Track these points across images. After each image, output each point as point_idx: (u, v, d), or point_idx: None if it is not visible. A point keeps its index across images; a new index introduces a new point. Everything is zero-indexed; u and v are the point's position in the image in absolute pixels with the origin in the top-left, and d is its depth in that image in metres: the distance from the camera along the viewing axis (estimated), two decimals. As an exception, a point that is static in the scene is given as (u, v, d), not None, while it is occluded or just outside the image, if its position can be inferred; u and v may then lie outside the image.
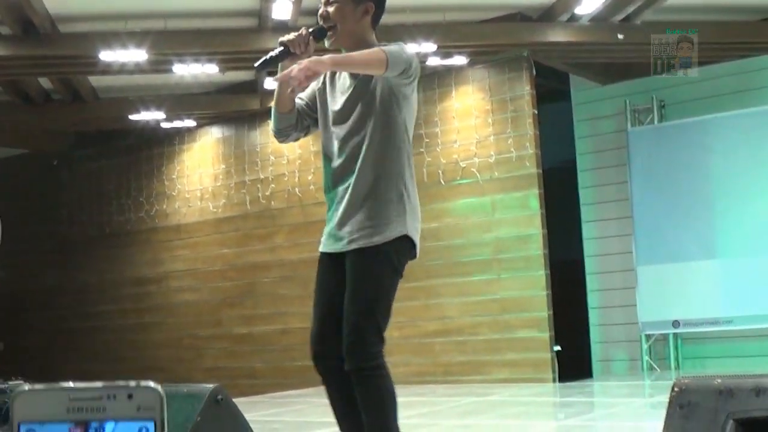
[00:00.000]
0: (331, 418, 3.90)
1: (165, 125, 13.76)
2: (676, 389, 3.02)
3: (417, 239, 3.88)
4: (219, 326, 13.59)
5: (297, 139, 4.24)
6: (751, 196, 10.91)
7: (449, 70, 11.50)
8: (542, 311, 10.81)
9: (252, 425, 4.14)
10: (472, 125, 11.41)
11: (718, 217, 11.04)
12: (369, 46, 3.83)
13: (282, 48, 3.82)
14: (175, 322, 14.11)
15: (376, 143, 3.81)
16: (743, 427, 2.82)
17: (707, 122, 11.28)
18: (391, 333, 12.24)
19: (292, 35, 3.80)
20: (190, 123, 13.85)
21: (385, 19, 4.07)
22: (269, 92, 12.79)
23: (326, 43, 3.93)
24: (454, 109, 11.53)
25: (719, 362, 11.32)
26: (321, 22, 3.87)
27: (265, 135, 13.26)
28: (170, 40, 10.63)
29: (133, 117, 13.19)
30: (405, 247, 3.83)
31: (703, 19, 10.92)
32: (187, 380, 12.77)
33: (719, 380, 2.94)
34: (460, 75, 11.55)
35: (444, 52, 10.87)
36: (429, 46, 10.51)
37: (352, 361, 3.70)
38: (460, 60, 11.25)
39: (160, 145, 14.42)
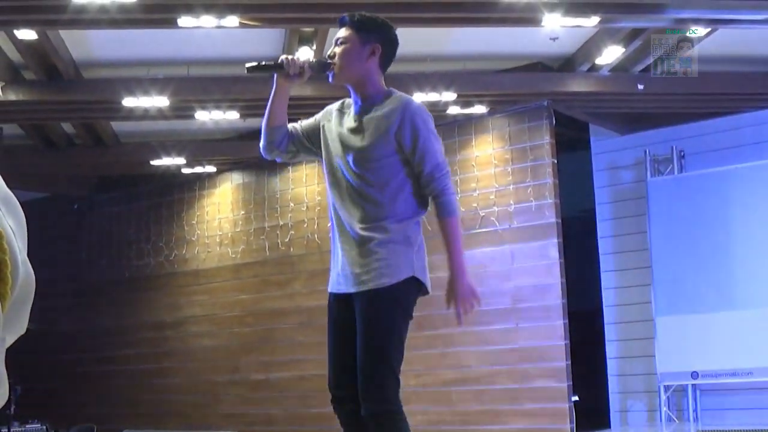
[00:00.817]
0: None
1: (186, 171, 13.80)
2: (696, 444, 2.98)
3: (426, 277, 3.96)
4: (236, 372, 13.54)
5: (281, 159, 4.39)
6: (771, 248, 10.85)
7: (469, 119, 11.51)
8: (560, 361, 10.73)
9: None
10: (492, 174, 11.40)
11: (737, 267, 10.97)
12: (374, 86, 4.02)
13: (279, 61, 3.97)
14: (193, 367, 14.07)
15: (387, 190, 3.90)
16: (765, 483, 2.77)
17: (727, 173, 11.24)
18: (408, 381, 12.10)
19: (293, 56, 3.99)
20: (210, 169, 13.88)
21: (406, 68, 4.13)
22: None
23: (329, 78, 4.06)
24: (474, 158, 11.53)
25: (738, 414, 11.20)
26: (328, 60, 4.04)
27: (284, 181, 13.28)
28: (192, 87, 10.69)
29: (154, 162, 13.24)
30: (413, 287, 3.90)
31: (722, 70, 10.91)
32: (204, 426, 12.74)
33: (740, 435, 2.90)
34: (480, 124, 11.56)
35: (464, 101, 10.89)
36: (449, 95, 10.53)
37: (369, 407, 3.69)
38: (480, 109, 11.26)
39: (181, 191, 14.45)
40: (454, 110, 11.08)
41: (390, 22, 4.19)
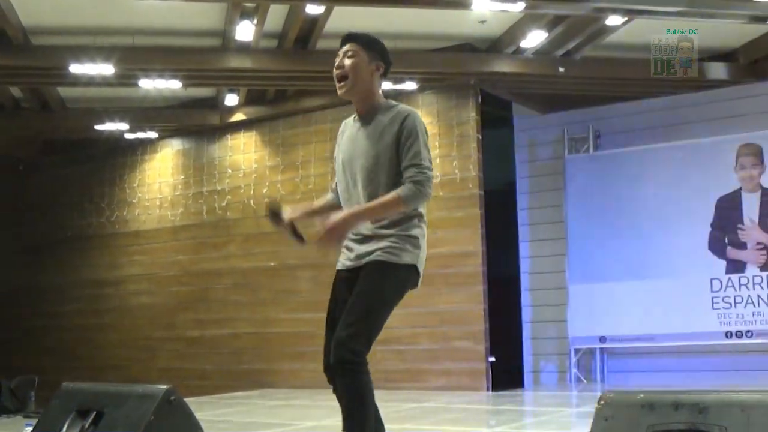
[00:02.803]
0: (275, 419, 3.87)
1: (128, 136, 13.67)
2: (601, 402, 3.05)
3: (422, 272, 4.06)
4: (172, 329, 13.49)
5: None
6: (675, 223, 11.04)
7: (400, 95, 11.51)
8: (479, 324, 10.84)
9: (201, 424, 4.12)
10: (420, 147, 11.42)
11: (645, 241, 11.16)
12: (375, 97, 4.13)
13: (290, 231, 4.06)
14: (131, 323, 13.99)
15: (396, 187, 3.92)
16: (662, 438, 2.85)
17: (639, 153, 11.41)
18: (336, 340, 11.96)
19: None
20: (152, 135, 13.78)
21: (338, 43, 4.12)
22: (229, 108, 12.78)
23: (339, 92, 4.08)
24: (403, 131, 11.54)
25: (641, 376, 11.43)
26: (336, 72, 4.06)
27: (223, 149, 13.22)
28: (137, 56, 10.57)
29: (98, 127, 13.09)
30: (412, 276, 4.00)
31: (638, 57, 11.04)
32: (141, 379, 12.68)
33: (642, 395, 2.97)
34: (411, 99, 11.56)
35: (395, 77, 10.90)
36: (381, 72, 10.52)
37: (338, 354, 3.75)
38: (410, 86, 11.29)
39: (123, 155, 14.32)
40: (385, 86, 11.04)
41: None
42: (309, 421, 7.98)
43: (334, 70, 4.06)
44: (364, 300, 3.86)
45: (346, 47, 4.09)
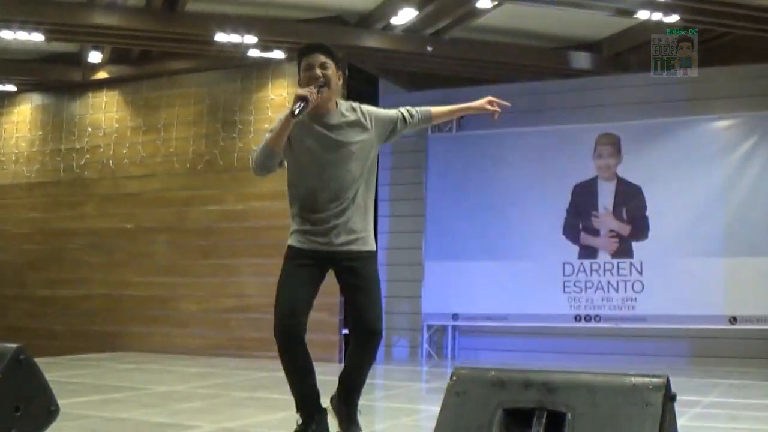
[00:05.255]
0: (126, 382, 3.80)
1: (-15, 87, 13.22)
2: (454, 378, 3.08)
3: None
4: (23, 287, 13.14)
5: (271, 174, 5.03)
6: (532, 207, 11.27)
7: (268, 63, 11.44)
8: (334, 296, 10.79)
9: (51, 385, 4.03)
10: (285, 117, 11.39)
11: (502, 222, 11.36)
12: (334, 101, 4.96)
13: (305, 102, 4.62)
14: (-21, 280, 13.58)
15: (367, 181, 4.89)
16: (511, 415, 2.90)
17: (501, 136, 11.57)
18: (189, 306, 11.99)
19: (309, 92, 4.64)
20: (11, 88, 13.34)
21: (209, 8, 4.08)
22: (92, 66, 12.44)
23: (316, 95, 4.73)
24: (269, 99, 11.48)
25: (493, 354, 11.65)
26: (319, 81, 4.75)
27: (84, 106, 12.90)
28: (-2, 5, 10.20)
29: (-47, 77, 12.60)
30: None
31: (504, 41, 11.19)
32: (-13, 337, 12.30)
33: (493, 373, 3.01)
34: (278, 69, 11.52)
35: (263, 45, 10.80)
36: (250, 38, 10.42)
37: (378, 336, 4.92)
38: (278, 54, 11.19)
39: (-21, 107, 13.86)
40: (254, 53, 10.97)
41: None
42: (161, 386, 7.88)
43: (313, 80, 4.72)
44: (376, 295, 4.94)
45: (318, 58, 4.80)
